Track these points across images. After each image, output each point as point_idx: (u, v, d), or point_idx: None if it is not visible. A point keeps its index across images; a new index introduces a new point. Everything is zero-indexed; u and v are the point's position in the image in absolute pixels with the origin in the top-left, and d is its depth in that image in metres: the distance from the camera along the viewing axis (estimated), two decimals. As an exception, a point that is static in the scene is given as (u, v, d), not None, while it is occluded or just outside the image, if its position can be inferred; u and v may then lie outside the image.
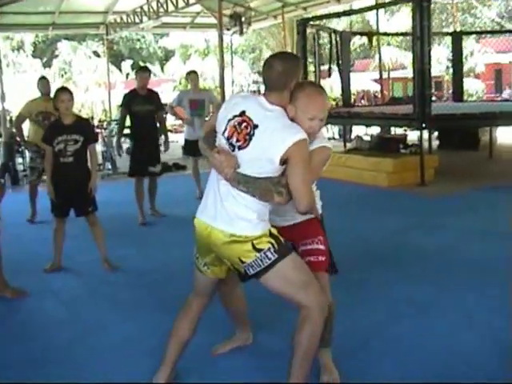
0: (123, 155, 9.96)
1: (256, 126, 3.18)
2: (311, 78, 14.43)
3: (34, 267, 6.41)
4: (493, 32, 27.65)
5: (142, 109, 8.45)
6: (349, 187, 10.89)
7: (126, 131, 9.56)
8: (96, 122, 21.81)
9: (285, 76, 3.21)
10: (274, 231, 3.28)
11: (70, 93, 6.28)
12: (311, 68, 14.51)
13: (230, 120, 3.28)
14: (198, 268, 3.56)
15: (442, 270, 5.95)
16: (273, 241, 3.22)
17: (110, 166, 14.16)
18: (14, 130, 17.72)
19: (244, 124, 3.22)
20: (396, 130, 17.92)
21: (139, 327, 4.73)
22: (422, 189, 10.34)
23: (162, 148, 9.07)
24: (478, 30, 36.17)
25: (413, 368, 3.90)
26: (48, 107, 8.12)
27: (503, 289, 5.14)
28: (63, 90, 6.36)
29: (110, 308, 5.27)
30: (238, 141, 3.22)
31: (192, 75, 10.03)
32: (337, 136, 19.85)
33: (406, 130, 16.59)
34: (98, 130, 18.73)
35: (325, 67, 15.45)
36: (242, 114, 3.25)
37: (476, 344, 4.19)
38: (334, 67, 15.31)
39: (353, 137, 16.73)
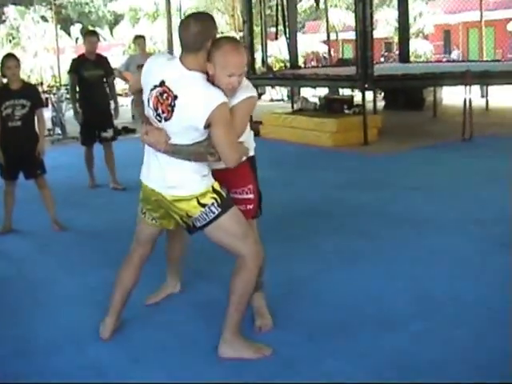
0: (73, 121, 9.82)
1: (176, 97, 3.32)
2: (258, 39, 14.65)
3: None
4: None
5: (92, 74, 8.25)
6: (294, 147, 11.16)
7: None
8: (45, 88, 21.62)
9: (201, 36, 3.28)
10: (217, 186, 3.50)
11: (17, 59, 6.41)
12: (258, 30, 14.68)
13: (151, 90, 3.44)
14: (145, 221, 3.79)
15: (374, 223, 6.24)
16: (216, 196, 3.47)
17: (59, 131, 14.21)
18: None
19: (165, 95, 3.37)
20: (344, 92, 18.18)
21: (86, 282, 4.97)
22: (364, 148, 10.64)
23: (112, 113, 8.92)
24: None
25: (341, 312, 4.20)
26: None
27: (429, 241, 5.52)
28: (9, 56, 6.51)
29: (58, 265, 5.51)
30: (162, 112, 3.39)
31: (139, 40, 10.04)
32: (285, 98, 20.08)
33: (353, 91, 16.87)
34: (47, 96, 18.74)
35: (271, 29, 15.66)
36: (162, 84, 3.38)
37: (399, 293, 4.46)
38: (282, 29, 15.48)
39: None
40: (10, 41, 37.64)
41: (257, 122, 13.04)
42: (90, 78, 8.27)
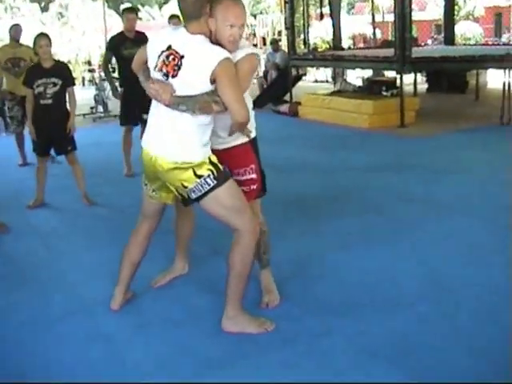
0: (116, 100, 9.72)
1: (182, 57, 3.45)
2: (301, 20, 14.64)
3: (18, 204, 6.82)
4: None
5: (131, 52, 7.34)
6: (330, 128, 11.18)
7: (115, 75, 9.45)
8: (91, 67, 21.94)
9: (198, 3, 3.42)
10: (214, 159, 3.57)
11: (49, 38, 6.61)
12: (301, 11, 14.67)
13: (159, 56, 3.56)
14: (147, 194, 3.88)
15: (396, 205, 6.27)
16: (212, 168, 3.53)
17: (101, 109, 14.44)
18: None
19: (171, 56, 3.49)
20: (389, 74, 18.05)
21: (108, 255, 5.05)
22: (401, 130, 10.60)
23: None
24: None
25: (350, 291, 4.25)
26: (17, 53, 8.37)
27: (450, 224, 5.51)
28: (42, 35, 6.69)
29: (83, 238, 5.70)
30: (168, 72, 3.50)
31: (174, 19, 9.91)
32: (330, 79, 20.03)
33: (397, 73, 16.74)
34: (91, 74, 18.99)
35: (318, 10, 15.63)
36: (169, 48, 3.51)
37: (410, 274, 4.50)
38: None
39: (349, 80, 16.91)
40: (59, 19, 38.10)
41: (296, 103, 13.11)
42: (130, 56, 7.74)
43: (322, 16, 16.30)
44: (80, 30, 35.27)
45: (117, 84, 8.53)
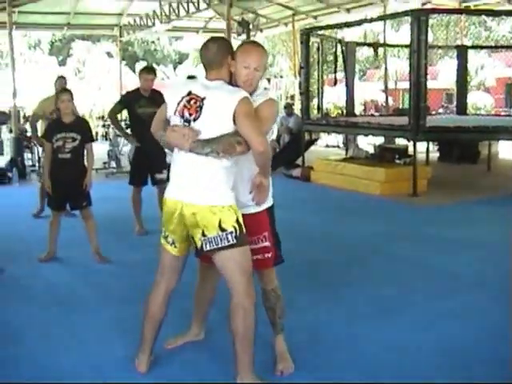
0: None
1: (204, 98, 3.57)
2: (315, 85, 14.77)
3: (29, 256, 6.80)
4: (500, 47, 27.78)
5: (146, 111, 7.51)
6: (342, 194, 11.22)
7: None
8: (105, 122, 22.13)
9: (220, 53, 3.64)
10: (241, 219, 3.61)
11: (71, 93, 6.70)
12: (315, 76, 14.81)
13: (179, 102, 3.65)
14: (165, 247, 3.87)
15: (410, 274, 6.24)
16: (237, 227, 3.57)
17: (114, 165, 14.55)
18: (24, 126, 18.22)
19: (192, 100, 3.60)
20: (400, 142, 18.15)
21: (118, 314, 5.08)
22: (412, 199, 10.61)
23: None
24: (492, 44, 36.32)
25: (361, 360, 4.20)
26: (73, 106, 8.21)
27: (465, 297, 5.46)
28: (64, 90, 6.84)
29: (94, 295, 5.65)
30: (190, 114, 3.58)
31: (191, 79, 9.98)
32: (341, 145, 20.15)
33: (408, 141, 16.84)
34: (106, 130, 19.22)
35: (331, 76, 15.79)
36: (189, 93, 3.63)
37: (424, 346, 4.44)
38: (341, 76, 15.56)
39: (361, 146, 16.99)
40: (76, 74, 38.64)
41: (308, 167, 13.17)
42: (143, 114, 7.60)
43: (335, 82, 16.41)
44: (96, 86, 35.74)
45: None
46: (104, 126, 21.13)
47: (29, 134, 16.54)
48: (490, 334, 4.67)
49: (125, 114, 9.41)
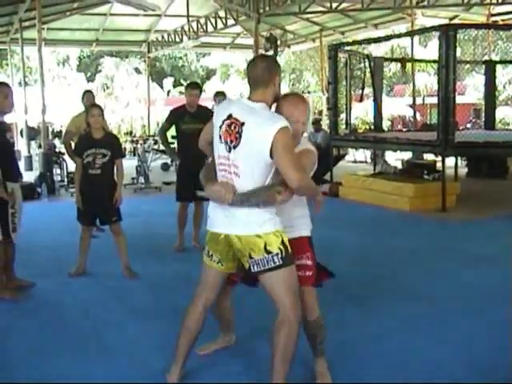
0: (158, 171, 9.53)
1: (243, 124, 3.54)
2: (342, 101, 14.77)
3: (60, 271, 6.86)
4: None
5: (191, 127, 7.52)
6: (371, 209, 11.18)
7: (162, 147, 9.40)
8: (133, 138, 22.34)
9: (268, 71, 3.61)
10: (286, 240, 3.64)
11: (101, 109, 6.75)
12: (343, 92, 14.80)
13: (220, 126, 3.65)
14: (209, 265, 3.89)
15: (441, 290, 6.20)
16: (282, 248, 3.59)
17: (143, 180, 14.63)
18: (53, 142, 18.40)
19: (233, 125, 3.58)
20: (428, 157, 18.06)
21: (147, 330, 5.10)
22: (441, 214, 10.54)
23: None
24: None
25: (395, 378, 4.16)
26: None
27: (496, 314, 5.38)
28: (94, 106, 6.88)
29: (123, 310, 5.67)
30: (231, 141, 3.58)
31: (220, 96, 9.87)
32: (369, 160, 20.09)
33: (436, 157, 16.75)
34: (134, 146, 19.37)
35: (358, 92, 15.76)
36: (230, 116, 3.61)
37: (459, 360, 4.42)
38: (368, 92, 15.53)
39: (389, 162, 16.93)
40: (105, 90, 38.95)
41: (336, 183, 13.15)
42: (187, 130, 7.63)
43: (362, 97, 16.37)
44: (124, 102, 36.02)
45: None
46: (132, 141, 21.26)
47: (57, 149, 16.77)
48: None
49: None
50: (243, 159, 3.52)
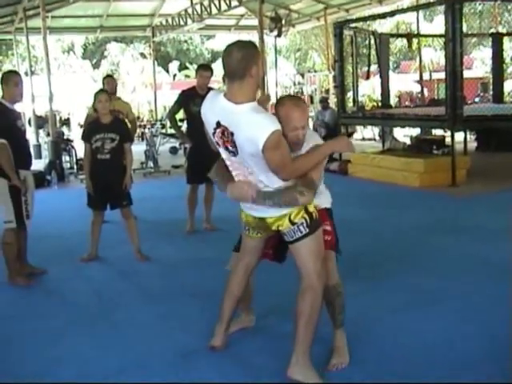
0: (166, 155, 9.47)
1: (232, 134, 3.49)
2: (349, 79, 14.72)
3: (71, 257, 6.89)
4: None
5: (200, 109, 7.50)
6: (381, 187, 11.16)
7: (171, 131, 9.28)
8: (141, 122, 22.36)
9: (244, 62, 3.42)
10: (311, 208, 3.69)
11: (108, 94, 6.75)
12: (349, 69, 14.76)
13: (214, 134, 3.64)
14: (249, 236, 3.98)
15: (452, 266, 6.17)
16: (307, 217, 3.65)
17: (151, 165, 14.65)
18: (61, 130, 18.43)
19: (225, 133, 3.53)
20: (437, 132, 17.98)
21: (159, 311, 5.12)
22: (452, 189, 10.51)
23: None
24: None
25: (411, 352, 4.16)
26: (115, 105, 8.06)
27: (508, 287, 5.37)
28: (101, 91, 6.88)
29: (135, 293, 5.71)
30: (231, 147, 3.57)
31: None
32: (377, 137, 20.05)
33: (445, 132, 16.69)
34: (142, 130, 19.38)
35: (364, 69, 15.71)
36: (218, 124, 3.56)
37: (472, 339, 4.39)
38: (374, 69, 15.48)
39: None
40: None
41: (345, 161, 13.12)
42: (198, 113, 7.48)
43: (368, 75, 16.30)
44: (130, 87, 36.02)
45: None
46: (140, 126, 21.26)
47: (66, 136, 16.79)
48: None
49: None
50: (250, 160, 3.53)
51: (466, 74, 14.28)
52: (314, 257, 3.67)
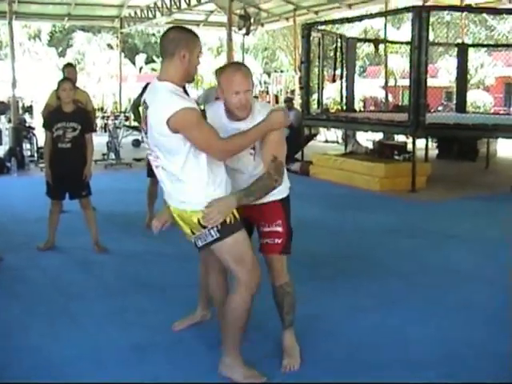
0: (129, 148, 9.51)
1: (147, 108, 3.47)
2: (315, 81, 14.77)
3: (28, 246, 6.81)
4: (500, 45, 27.69)
5: None
6: (342, 189, 11.22)
7: (135, 123, 9.29)
8: (105, 114, 22.16)
9: (175, 42, 3.41)
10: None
11: (72, 83, 6.69)
12: (316, 71, 14.81)
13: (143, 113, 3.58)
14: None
15: (411, 269, 6.24)
16: None
17: (113, 156, 14.55)
18: (23, 117, 18.21)
19: (145, 110, 3.51)
20: (399, 138, 18.13)
21: (116, 304, 5.09)
22: (411, 195, 10.61)
23: None
24: (492, 43, 36.25)
25: (364, 352, 4.20)
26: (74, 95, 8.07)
27: (465, 291, 5.46)
28: (66, 79, 6.81)
29: (92, 284, 5.67)
30: (145, 127, 3.53)
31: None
32: (340, 140, 20.14)
33: (407, 138, 16.85)
34: (105, 121, 19.25)
35: (331, 72, 15.77)
36: (144, 102, 3.55)
37: (425, 340, 4.44)
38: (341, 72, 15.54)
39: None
40: (76, 65, 38.62)
41: (307, 162, 13.17)
42: None
43: (334, 78, 16.38)
44: (95, 77, 35.73)
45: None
46: (103, 117, 21.12)
47: (28, 124, 16.60)
48: (489, 326, 4.67)
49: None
50: (155, 140, 3.45)
51: (432, 82, 14.47)
52: (235, 262, 3.56)
